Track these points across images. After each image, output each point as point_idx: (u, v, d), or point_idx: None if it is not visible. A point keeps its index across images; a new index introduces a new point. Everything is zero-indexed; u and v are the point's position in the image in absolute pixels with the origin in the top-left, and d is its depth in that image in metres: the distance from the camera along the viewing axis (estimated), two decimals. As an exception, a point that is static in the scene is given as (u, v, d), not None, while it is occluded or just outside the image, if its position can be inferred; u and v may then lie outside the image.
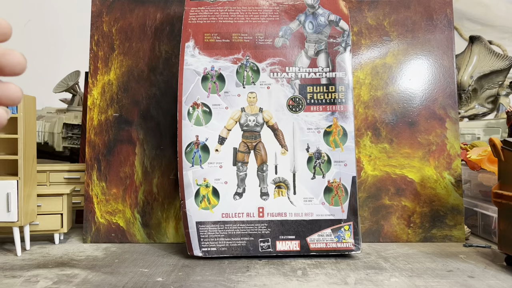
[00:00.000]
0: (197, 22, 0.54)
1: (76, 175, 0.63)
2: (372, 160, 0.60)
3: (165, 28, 0.62)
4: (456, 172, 0.60)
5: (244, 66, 0.53)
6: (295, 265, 0.48)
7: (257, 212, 0.51)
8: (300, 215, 0.51)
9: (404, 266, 0.48)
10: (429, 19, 0.63)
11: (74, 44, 1.46)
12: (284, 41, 0.54)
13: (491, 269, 0.47)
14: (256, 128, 0.52)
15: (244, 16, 0.55)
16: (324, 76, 0.53)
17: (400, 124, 0.61)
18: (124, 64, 0.61)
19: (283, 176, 0.52)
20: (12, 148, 0.53)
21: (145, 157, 0.60)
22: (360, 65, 0.62)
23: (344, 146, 0.52)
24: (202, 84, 0.53)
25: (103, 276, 0.44)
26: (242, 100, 0.53)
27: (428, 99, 0.61)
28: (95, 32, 0.62)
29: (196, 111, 0.52)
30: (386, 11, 0.63)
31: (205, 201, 0.51)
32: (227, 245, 0.50)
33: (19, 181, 0.52)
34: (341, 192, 0.51)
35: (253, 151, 0.52)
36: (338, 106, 0.53)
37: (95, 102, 0.61)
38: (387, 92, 0.61)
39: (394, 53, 0.62)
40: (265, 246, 0.51)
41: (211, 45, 0.54)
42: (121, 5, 0.62)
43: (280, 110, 0.53)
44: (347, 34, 0.54)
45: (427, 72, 0.62)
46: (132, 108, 0.61)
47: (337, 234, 0.51)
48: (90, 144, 0.60)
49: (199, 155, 0.52)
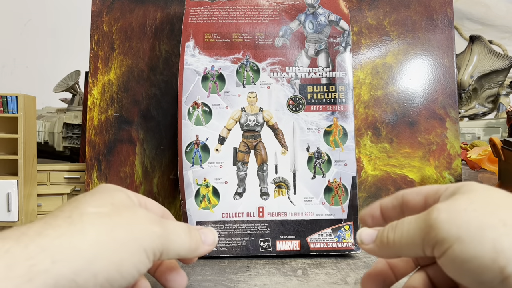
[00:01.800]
0: (197, 22, 0.54)
1: (77, 175, 0.63)
2: (372, 160, 0.60)
3: (165, 28, 0.62)
4: (456, 172, 0.60)
5: (244, 65, 0.53)
6: (295, 265, 0.48)
7: (257, 212, 0.51)
8: (300, 214, 0.51)
9: (404, 265, 0.48)
10: (429, 19, 0.63)
11: (74, 44, 1.46)
12: (284, 40, 0.54)
13: (491, 269, 0.47)
14: (256, 128, 0.52)
15: (244, 16, 0.55)
16: (324, 76, 0.53)
17: (400, 124, 0.61)
18: (124, 64, 0.61)
19: (283, 176, 0.52)
20: (12, 148, 0.53)
21: (145, 157, 0.60)
22: (360, 65, 0.62)
23: (344, 146, 0.52)
24: (202, 84, 0.53)
25: (103, 276, 0.44)
26: (242, 99, 0.53)
27: (428, 98, 0.61)
28: (95, 31, 0.62)
29: (196, 111, 0.52)
30: (386, 10, 0.63)
31: (205, 201, 0.51)
32: (227, 245, 0.50)
33: (19, 181, 0.52)
34: (341, 191, 0.51)
35: (253, 151, 0.52)
36: (338, 106, 0.53)
37: (95, 102, 0.61)
38: (387, 91, 0.61)
39: (394, 53, 0.62)
40: (265, 246, 0.51)
41: (211, 44, 0.53)
42: (121, 4, 0.62)
43: (280, 109, 0.53)
44: (347, 34, 0.54)
45: (427, 72, 0.62)
46: (132, 108, 0.61)
47: (337, 234, 0.51)
48: (90, 144, 0.60)
49: (199, 155, 0.52)
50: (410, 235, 0.28)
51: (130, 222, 0.28)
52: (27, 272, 0.22)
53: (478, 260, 0.24)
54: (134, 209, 0.30)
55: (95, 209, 0.27)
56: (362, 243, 0.32)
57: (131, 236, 0.27)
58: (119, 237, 0.26)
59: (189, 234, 0.32)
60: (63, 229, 0.25)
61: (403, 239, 0.28)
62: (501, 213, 0.25)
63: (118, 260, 0.26)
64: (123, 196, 0.31)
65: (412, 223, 0.28)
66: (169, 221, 0.32)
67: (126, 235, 0.27)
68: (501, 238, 0.24)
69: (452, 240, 0.25)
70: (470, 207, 0.26)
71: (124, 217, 0.28)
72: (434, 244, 0.26)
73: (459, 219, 0.25)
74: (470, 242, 0.24)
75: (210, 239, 0.35)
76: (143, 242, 0.28)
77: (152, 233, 0.28)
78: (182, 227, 0.32)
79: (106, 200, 0.29)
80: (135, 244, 0.27)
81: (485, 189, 0.28)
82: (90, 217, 0.26)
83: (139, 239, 0.28)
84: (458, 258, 0.25)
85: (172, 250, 0.30)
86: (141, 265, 0.28)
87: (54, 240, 0.24)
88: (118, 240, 0.26)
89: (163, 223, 0.30)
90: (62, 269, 0.24)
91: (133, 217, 0.28)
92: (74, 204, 0.28)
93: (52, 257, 0.23)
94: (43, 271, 0.23)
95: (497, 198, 0.27)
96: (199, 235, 0.34)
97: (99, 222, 0.26)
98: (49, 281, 0.23)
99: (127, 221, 0.28)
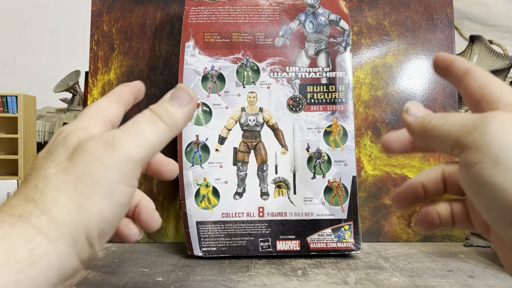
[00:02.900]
0: (197, 22, 0.54)
1: (76, 175, 0.63)
2: (372, 160, 0.60)
3: (165, 28, 0.62)
4: (456, 172, 0.60)
5: (244, 65, 0.53)
6: (295, 265, 0.48)
7: (257, 211, 0.51)
8: (300, 214, 0.51)
9: (405, 266, 0.48)
10: (430, 19, 0.63)
11: (74, 44, 1.47)
12: (284, 40, 0.54)
13: (491, 269, 0.47)
14: (256, 128, 0.52)
15: (244, 16, 0.55)
16: (324, 75, 0.53)
17: (400, 124, 0.61)
18: (124, 63, 0.61)
19: (283, 176, 0.52)
20: (12, 148, 0.53)
21: (145, 157, 0.60)
22: (360, 65, 0.62)
23: (344, 146, 0.52)
24: (202, 83, 0.53)
25: (103, 276, 0.44)
26: (242, 99, 0.53)
27: (428, 98, 0.61)
28: (95, 31, 0.62)
29: (196, 110, 0.52)
30: (386, 10, 0.63)
31: (205, 201, 0.51)
32: (227, 245, 0.50)
33: (19, 181, 0.52)
34: (341, 191, 0.51)
35: (253, 151, 0.52)
36: (338, 106, 0.53)
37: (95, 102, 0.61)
38: (388, 91, 0.61)
39: (394, 53, 0.62)
40: (265, 246, 0.51)
41: (211, 44, 0.53)
42: (121, 4, 0.62)
43: (280, 109, 0.53)
44: (348, 34, 0.54)
45: (427, 72, 0.62)
46: (132, 108, 0.60)
47: (337, 234, 0.51)
48: (90, 144, 0.60)
49: (199, 155, 0.52)
50: (452, 127, 0.24)
51: (88, 165, 0.25)
52: (27, 256, 0.22)
53: (505, 192, 0.21)
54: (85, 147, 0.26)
55: (53, 168, 0.25)
56: (407, 112, 0.28)
57: (97, 179, 0.25)
58: (86, 190, 0.25)
59: (151, 116, 0.27)
60: (40, 204, 0.24)
61: (443, 128, 0.25)
62: None
63: (100, 203, 0.25)
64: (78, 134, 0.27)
65: (461, 118, 0.24)
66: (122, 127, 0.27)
67: (92, 181, 0.25)
68: None
69: (486, 158, 0.21)
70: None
71: (80, 163, 0.25)
72: (466, 149, 0.23)
73: (509, 139, 0.21)
74: (507, 170, 0.21)
75: (184, 98, 0.29)
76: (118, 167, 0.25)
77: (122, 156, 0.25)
78: (138, 118, 0.27)
79: (62, 152, 0.26)
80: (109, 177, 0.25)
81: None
82: (53, 180, 0.25)
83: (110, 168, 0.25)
84: (482, 179, 0.22)
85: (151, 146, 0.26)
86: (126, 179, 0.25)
87: (40, 219, 0.23)
88: (86, 193, 0.24)
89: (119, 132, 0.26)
90: (60, 248, 0.23)
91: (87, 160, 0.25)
92: (35, 167, 0.26)
93: (48, 237, 0.23)
94: (44, 254, 0.22)
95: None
96: (165, 105, 0.28)
97: (63, 181, 0.25)
98: (52, 261, 0.23)
99: (85, 168, 0.25)
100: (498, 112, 0.23)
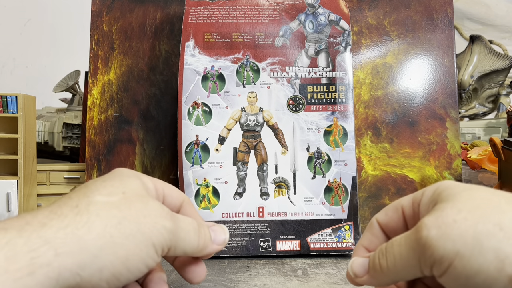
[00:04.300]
0: (197, 22, 0.54)
1: (76, 175, 0.63)
2: (373, 160, 0.60)
3: (165, 28, 0.62)
4: (456, 172, 0.60)
5: (244, 65, 0.53)
6: (295, 265, 0.48)
7: (257, 212, 0.51)
8: (301, 214, 0.51)
9: (405, 266, 0.48)
10: (430, 19, 0.63)
11: (74, 44, 1.47)
12: (284, 40, 0.54)
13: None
14: (256, 128, 0.52)
15: (244, 16, 0.55)
16: (324, 75, 0.53)
17: (400, 124, 0.61)
18: (124, 63, 0.61)
19: (283, 176, 0.52)
20: (12, 148, 0.53)
21: (145, 157, 0.60)
22: (360, 65, 0.62)
23: (344, 146, 0.52)
24: (202, 83, 0.53)
25: (103, 276, 0.44)
26: (242, 99, 0.53)
27: (428, 98, 0.61)
28: (95, 31, 0.62)
29: (196, 110, 0.52)
30: (387, 10, 0.63)
31: (205, 201, 0.51)
32: (227, 245, 0.50)
33: (19, 181, 0.52)
34: (341, 191, 0.51)
35: (253, 151, 0.52)
36: (338, 106, 0.53)
37: (95, 101, 0.61)
38: (388, 91, 0.61)
39: (394, 53, 0.62)
40: (265, 246, 0.50)
41: (211, 44, 0.53)
42: (121, 4, 0.62)
43: (280, 109, 0.53)
44: (348, 34, 0.54)
45: (427, 72, 0.62)
46: (132, 108, 0.61)
47: (337, 234, 0.51)
48: (90, 144, 0.60)
49: (199, 155, 0.51)
50: (404, 257, 0.25)
51: (139, 214, 0.26)
52: (28, 265, 0.21)
53: (484, 273, 0.22)
54: (146, 199, 0.28)
55: (104, 198, 0.26)
56: (356, 277, 0.29)
57: (139, 230, 0.26)
58: (127, 231, 0.25)
59: (198, 233, 0.31)
60: (68, 220, 0.24)
61: (397, 263, 0.26)
62: (493, 216, 0.23)
63: (124, 254, 0.25)
64: (137, 184, 0.29)
65: (402, 245, 0.26)
66: (180, 217, 0.30)
67: (134, 228, 0.25)
68: (501, 245, 0.22)
69: (451, 256, 0.23)
70: (459, 217, 0.24)
71: (134, 208, 0.26)
72: (432, 263, 0.24)
73: (452, 233, 0.23)
74: (471, 255, 0.22)
75: (220, 238, 0.33)
76: (152, 236, 0.26)
77: (162, 228, 0.27)
78: (193, 225, 0.31)
79: (118, 188, 0.27)
80: (143, 239, 0.26)
81: (465, 190, 0.26)
82: (98, 207, 0.25)
83: (147, 233, 0.26)
84: (462, 274, 0.23)
85: (179, 247, 0.29)
86: (149, 259, 0.26)
87: (58, 232, 0.23)
88: (125, 233, 0.25)
89: (174, 218, 0.28)
90: (66, 262, 0.23)
91: (143, 209, 0.27)
92: (83, 191, 0.27)
93: (56, 250, 0.22)
94: (45, 264, 0.22)
95: (482, 199, 0.25)
96: (208, 234, 0.32)
97: (107, 213, 0.25)
98: (52, 274, 0.22)
99: (137, 213, 0.26)
100: (424, 220, 0.25)
